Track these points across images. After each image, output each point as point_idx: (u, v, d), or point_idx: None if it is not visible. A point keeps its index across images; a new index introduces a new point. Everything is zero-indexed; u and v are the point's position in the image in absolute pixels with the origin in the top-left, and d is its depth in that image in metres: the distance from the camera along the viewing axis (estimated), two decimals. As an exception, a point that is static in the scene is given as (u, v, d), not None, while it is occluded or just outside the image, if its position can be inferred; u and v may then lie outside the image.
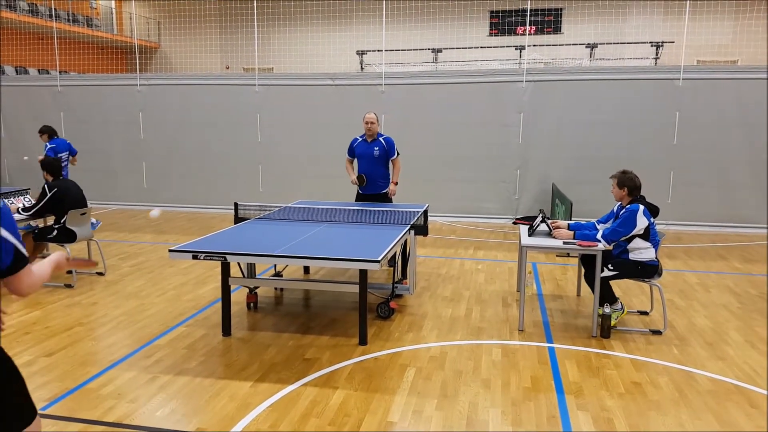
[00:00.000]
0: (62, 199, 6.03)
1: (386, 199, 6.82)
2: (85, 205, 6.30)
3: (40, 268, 2.23)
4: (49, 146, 8.66)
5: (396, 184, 6.84)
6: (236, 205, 5.99)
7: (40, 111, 11.59)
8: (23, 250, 2.12)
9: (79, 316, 5.22)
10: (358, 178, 6.73)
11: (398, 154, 6.82)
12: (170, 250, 4.47)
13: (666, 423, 3.46)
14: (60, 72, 12.80)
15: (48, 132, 8.78)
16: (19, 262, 2.10)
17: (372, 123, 6.68)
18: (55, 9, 16.50)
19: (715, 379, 4.07)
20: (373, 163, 6.72)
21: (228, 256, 4.35)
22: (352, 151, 6.88)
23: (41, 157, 7.75)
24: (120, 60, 19.08)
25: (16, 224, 2.17)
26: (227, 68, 18.08)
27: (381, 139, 6.75)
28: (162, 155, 11.33)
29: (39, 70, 16.50)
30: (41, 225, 7.01)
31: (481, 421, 3.46)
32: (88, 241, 6.62)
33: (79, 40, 17.05)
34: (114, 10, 20.14)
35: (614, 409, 3.62)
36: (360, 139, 6.83)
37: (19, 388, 2.23)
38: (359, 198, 6.88)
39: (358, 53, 17.37)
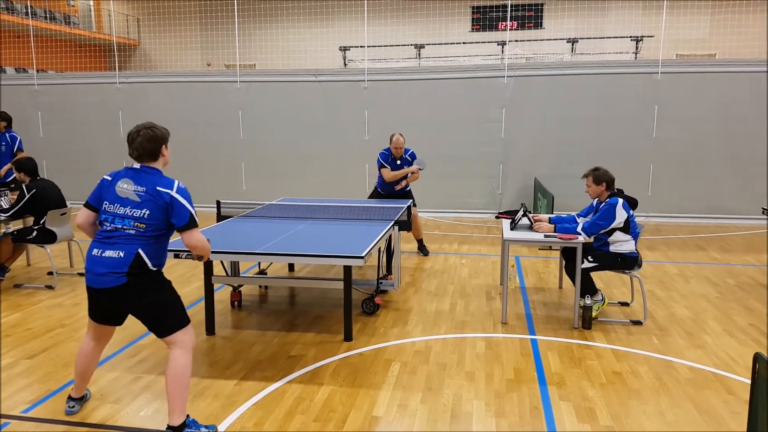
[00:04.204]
0: (41, 200, 5.95)
1: (407, 195, 7.30)
2: (65, 206, 6.23)
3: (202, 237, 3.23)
4: (8, 136, 8.06)
5: (407, 178, 7.27)
6: (218, 203, 5.96)
7: (17, 110, 11.34)
8: (195, 217, 3.16)
9: (61, 318, 5.17)
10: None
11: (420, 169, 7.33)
12: (152, 250, 4.42)
13: (646, 411, 3.53)
14: (37, 71, 12.60)
15: (8, 120, 8.13)
16: (191, 223, 3.14)
17: (401, 147, 7.15)
18: (31, 6, 16.24)
19: (694, 367, 4.15)
20: (401, 178, 7.23)
21: (210, 254, 4.33)
22: (390, 164, 7.22)
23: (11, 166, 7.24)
24: (99, 58, 18.82)
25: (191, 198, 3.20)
26: (208, 65, 17.93)
27: (407, 156, 7.25)
28: (143, 154, 11.21)
29: (16, 69, 16.22)
30: (20, 226, 6.91)
31: (465, 413, 3.50)
32: (69, 241, 6.55)
33: (57, 37, 16.78)
34: (92, 8, 19.86)
35: (596, 398, 3.68)
36: (390, 155, 7.23)
37: None
38: (375, 195, 7.35)
39: (340, 49, 17.32)
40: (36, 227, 6.03)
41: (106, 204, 3.18)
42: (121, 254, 3.09)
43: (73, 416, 3.47)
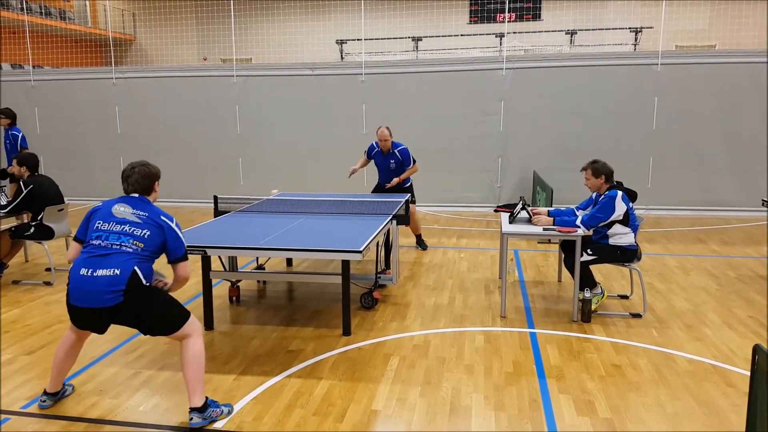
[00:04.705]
0: (39, 196, 5.93)
1: (407, 190, 7.21)
2: (62, 201, 6.21)
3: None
4: (11, 133, 8.04)
5: (400, 179, 7.11)
6: (215, 198, 5.93)
7: (13, 106, 11.22)
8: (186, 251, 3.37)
9: (59, 314, 5.15)
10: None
11: (414, 162, 7.18)
12: (150, 245, 4.41)
13: (646, 404, 3.52)
14: (33, 66, 12.54)
15: (12, 117, 8.09)
16: (185, 256, 3.34)
17: (385, 140, 7.01)
18: (26, 2, 16.14)
19: (694, 359, 4.15)
20: (391, 174, 7.13)
21: (208, 250, 4.32)
22: (368, 154, 7.24)
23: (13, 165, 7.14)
24: (95, 53, 18.73)
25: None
26: (205, 60, 17.85)
27: (396, 151, 7.09)
28: (140, 149, 11.16)
29: (12, 65, 16.15)
30: (15, 223, 6.88)
31: (464, 407, 3.50)
32: (67, 237, 6.52)
33: (53, 33, 16.70)
34: (88, 3, 19.75)
35: (595, 391, 3.68)
36: (377, 149, 7.14)
37: None
38: (378, 190, 7.29)
39: (337, 42, 17.25)
40: (34, 223, 6.01)
41: (98, 223, 3.25)
42: (117, 272, 3.12)
43: (74, 411, 3.46)
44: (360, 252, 4.13)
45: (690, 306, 5.27)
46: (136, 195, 3.36)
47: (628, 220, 4.90)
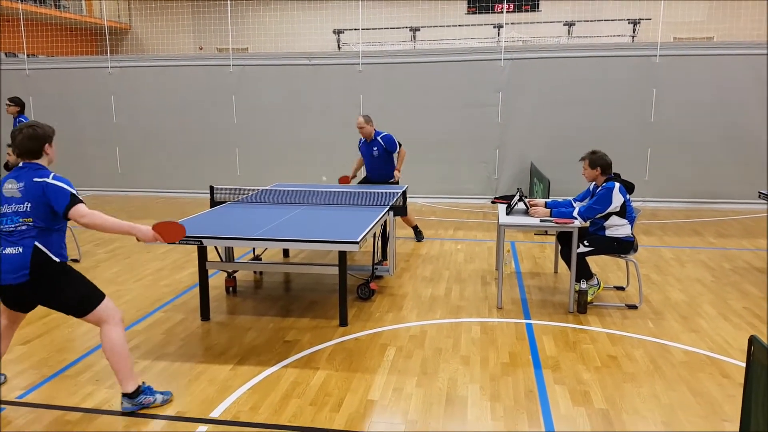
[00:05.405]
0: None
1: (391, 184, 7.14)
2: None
3: (106, 217, 3.18)
4: (20, 121, 7.95)
5: (399, 171, 7.13)
6: (212, 188, 5.91)
7: (8, 95, 11.25)
8: (77, 195, 3.17)
9: (54, 304, 5.13)
10: (341, 178, 7.25)
11: (400, 145, 7.11)
12: (145, 235, 4.40)
13: (641, 394, 3.54)
14: (28, 55, 12.44)
15: (21, 105, 8.08)
16: (73, 200, 3.13)
17: (361, 128, 6.97)
18: (20, -11, 15.96)
19: (689, 351, 4.16)
20: (375, 162, 7.09)
21: (204, 240, 4.31)
22: (360, 151, 7.24)
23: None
24: (90, 42, 18.58)
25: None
26: (201, 49, 17.72)
27: (378, 138, 7.02)
28: (136, 139, 11.12)
29: (6, 54, 16.01)
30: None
31: (461, 397, 3.50)
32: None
33: (47, 21, 16.55)
34: (83, -9, 19.55)
35: (590, 382, 3.69)
36: (362, 140, 7.14)
37: None
38: (365, 182, 7.25)
39: (334, 32, 17.14)
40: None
41: (2, 207, 3.20)
42: (20, 249, 3.13)
43: (69, 401, 3.46)
44: (357, 243, 4.12)
45: (685, 297, 5.29)
46: (21, 164, 3.23)
47: (625, 211, 4.90)
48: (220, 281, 5.64)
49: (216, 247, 5.18)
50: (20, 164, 3.24)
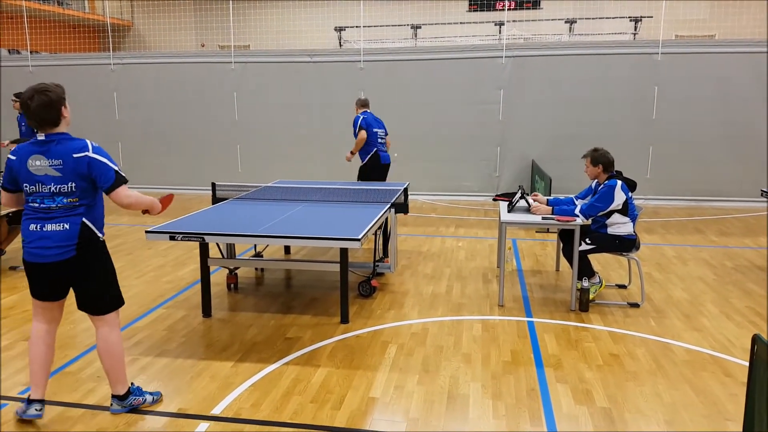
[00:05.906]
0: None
1: (363, 172, 7.47)
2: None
3: (141, 195, 3.21)
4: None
5: (350, 154, 7.58)
6: (213, 185, 5.91)
7: (11, 92, 11.26)
8: (121, 173, 3.12)
9: (56, 300, 5.14)
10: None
11: (360, 130, 7.38)
12: (147, 232, 4.41)
13: (643, 393, 3.53)
14: (31, 52, 12.44)
15: None
16: (118, 181, 3.08)
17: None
18: (23, -14, 15.95)
19: (691, 349, 4.16)
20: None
21: (206, 237, 4.30)
22: None
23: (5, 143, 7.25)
24: (92, 39, 18.56)
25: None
26: (203, 46, 17.70)
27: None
28: (138, 136, 11.12)
29: (9, 50, 16.00)
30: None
31: (462, 395, 3.50)
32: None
33: (50, 18, 16.53)
34: (85, -13, 19.52)
35: (592, 380, 3.69)
36: None
37: None
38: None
39: (336, 29, 17.11)
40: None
41: (26, 186, 3.03)
42: (66, 226, 3.01)
43: (71, 398, 3.46)
44: (358, 240, 4.11)
45: (688, 296, 5.28)
46: (43, 136, 3.01)
47: (627, 209, 4.89)
48: (221, 278, 5.64)
49: (218, 244, 5.19)
50: (41, 136, 3.02)
